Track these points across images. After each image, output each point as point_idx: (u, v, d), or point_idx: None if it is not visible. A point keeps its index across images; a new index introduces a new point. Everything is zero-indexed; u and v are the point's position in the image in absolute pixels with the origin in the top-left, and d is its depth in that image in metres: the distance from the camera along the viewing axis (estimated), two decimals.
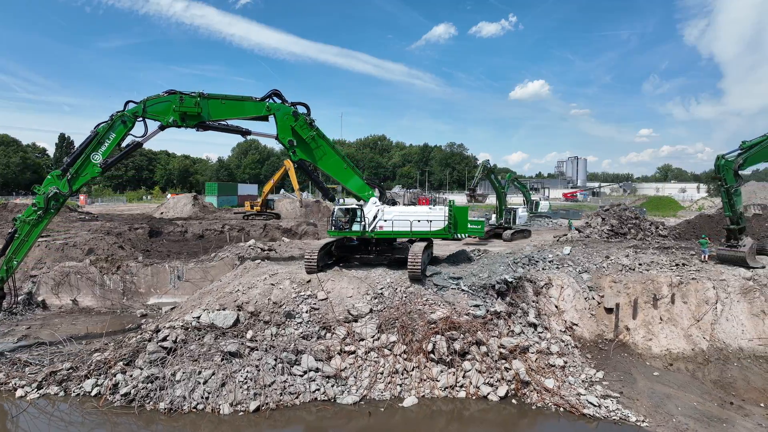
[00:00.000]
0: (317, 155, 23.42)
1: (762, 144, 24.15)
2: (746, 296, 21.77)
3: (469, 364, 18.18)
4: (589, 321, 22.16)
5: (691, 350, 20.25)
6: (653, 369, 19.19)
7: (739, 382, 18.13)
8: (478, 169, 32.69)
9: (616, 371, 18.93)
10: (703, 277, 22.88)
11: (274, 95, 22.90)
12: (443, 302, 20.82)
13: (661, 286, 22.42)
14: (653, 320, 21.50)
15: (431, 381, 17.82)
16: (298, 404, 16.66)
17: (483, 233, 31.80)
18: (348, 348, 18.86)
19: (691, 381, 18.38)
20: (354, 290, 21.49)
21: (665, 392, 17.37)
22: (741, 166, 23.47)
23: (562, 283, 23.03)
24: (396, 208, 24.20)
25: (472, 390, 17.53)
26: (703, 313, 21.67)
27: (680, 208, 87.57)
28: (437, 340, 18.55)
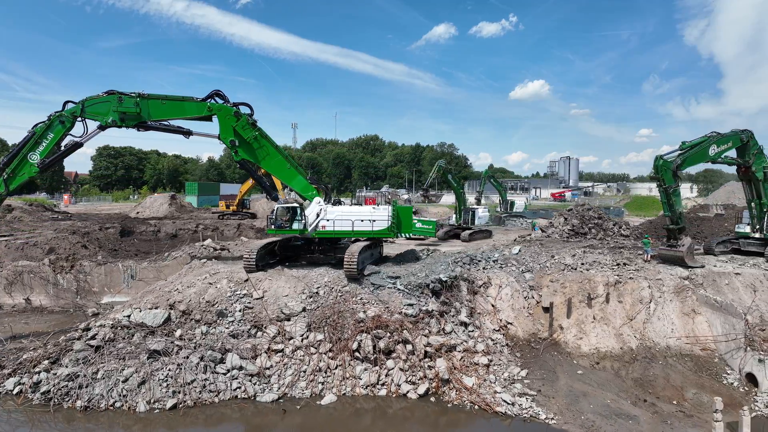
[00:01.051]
0: (260, 155, 23.58)
1: (702, 145, 24.41)
2: (679, 295, 21.99)
3: (392, 362, 18.36)
4: (526, 320, 22.35)
5: (620, 349, 20.46)
6: (579, 367, 19.38)
7: (659, 380, 18.34)
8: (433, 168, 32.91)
9: (541, 370, 19.12)
10: (640, 276, 23.10)
11: (216, 96, 23.05)
12: (377, 301, 20.99)
13: (597, 285, 22.63)
14: (586, 319, 21.70)
15: (353, 379, 18.00)
16: (217, 402, 16.82)
17: (434, 233, 32.04)
18: (276, 346, 19.03)
19: (613, 379, 18.58)
20: (290, 289, 21.66)
21: (583, 390, 17.57)
22: (680, 167, 23.65)
23: (500, 283, 23.21)
24: (339, 207, 24.38)
25: (393, 388, 17.70)
26: (637, 312, 21.88)
27: None
28: (363, 339, 18.72)
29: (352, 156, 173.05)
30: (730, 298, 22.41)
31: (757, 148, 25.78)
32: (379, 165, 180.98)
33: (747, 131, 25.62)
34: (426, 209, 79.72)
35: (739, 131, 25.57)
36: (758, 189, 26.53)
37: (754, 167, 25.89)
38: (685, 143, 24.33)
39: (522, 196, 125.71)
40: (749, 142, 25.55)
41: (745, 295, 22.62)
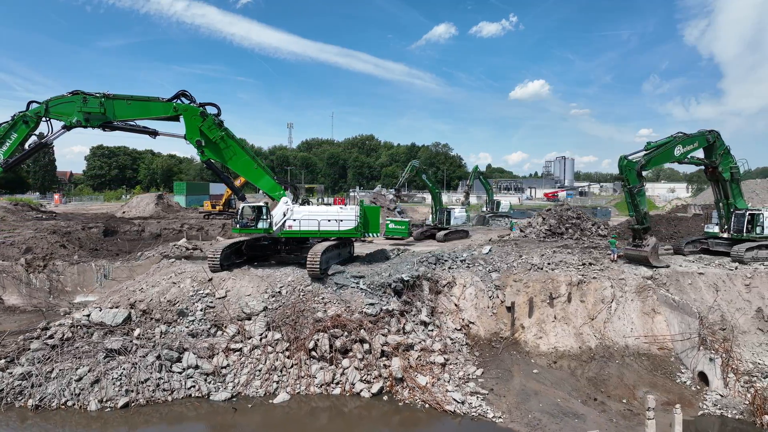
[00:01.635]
0: (226, 155, 23.68)
1: (667, 146, 24.52)
2: (640, 295, 22.12)
3: (348, 361, 18.47)
4: (489, 319, 22.45)
5: (578, 348, 20.59)
6: (535, 366, 19.50)
7: (613, 379, 18.46)
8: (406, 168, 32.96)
9: (498, 369, 19.24)
10: (604, 276, 23.23)
11: (182, 96, 23.14)
12: (339, 301, 21.11)
13: (559, 285, 22.76)
14: (547, 319, 21.82)
15: (309, 378, 18.10)
16: (170, 401, 16.91)
17: (407, 233, 32.15)
18: (235, 346, 19.12)
19: (567, 378, 18.70)
20: (253, 289, 21.76)
21: (535, 389, 17.69)
22: (644, 167, 23.76)
23: (465, 282, 23.32)
24: (305, 207, 24.48)
25: (348, 387, 17.82)
26: (598, 311, 22.01)
27: (654, 207, 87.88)
28: (320, 338, 18.83)
29: (347, 156, 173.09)
30: (693, 297, 22.57)
31: (724, 148, 25.88)
32: (374, 165, 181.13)
33: (713, 132, 25.73)
34: (414, 209, 79.91)
35: (705, 132, 25.69)
36: (725, 189, 26.66)
37: (721, 167, 26.00)
38: (650, 144, 24.45)
39: (514, 196, 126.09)
40: (715, 142, 25.64)
41: (707, 295, 22.75)
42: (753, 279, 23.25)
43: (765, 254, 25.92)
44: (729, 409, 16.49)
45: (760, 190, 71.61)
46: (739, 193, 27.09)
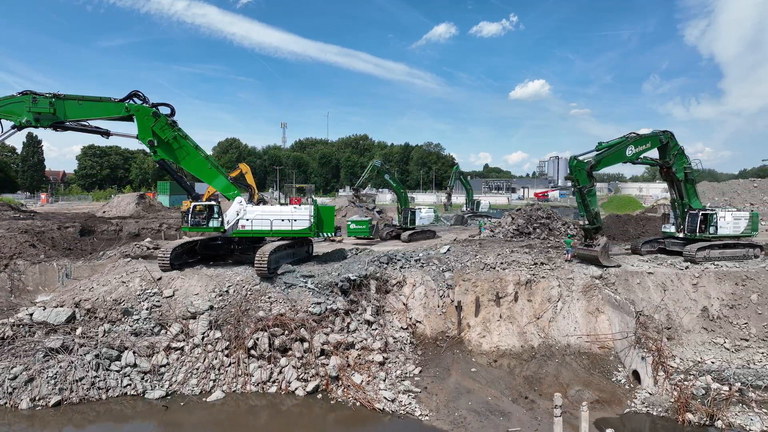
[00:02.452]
0: (180, 155, 23.80)
1: (618, 146, 24.67)
2: (586, 294, 22.28)
3: (285, 360, 18.62)
4: (438, 318, 22.59)
5: (520, 347, 20.75)
6: (475, 365, 19.65)
7: (549, 378, 18.62)
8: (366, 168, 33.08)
9: (437, 368, 19.39)
10: (553, 276, 23.40)
11: (135, 96, 23.27)
12: (286, 300, 21.24)
13: (507, 284, 22.93)
14: (493, 318, 21.98)
15: (246, 376, 18.25)
16: (104, 399, 17.04)
17: (368, 233, 32.31)
18: (177, 344, 19.24)
19: (504, 377, 18.86)
20: (201, 288, 21.90)
21: (470, 388, 17.84)
22: (594, 167, 23.90)
23: (415, 282, 23.47)
24: (259, 207, 24.62)
25: (284, 385, 17.97)
26: (544, 310, 22.19)
27: (640, 206, 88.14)
28: (260, 337, 18.96)
29: (340, 156, 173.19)
30: (640, 297, 22.75)
31: (678, 149, 26.03)
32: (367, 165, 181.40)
33: (667, 132, 25.89)
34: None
35: (659, 132, 25.85)
36: (680, 189, 26.81)
37: (675, 168, 26.16)
38: (601, 144, 24.59)
39: (504, 196, 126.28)
40: (669, 143, 25.80)
41: (655, 294, 22.93)
42: (701, 279, 23.44)
43: (717, 254, 26.12)
44: (655, 407, 16.66)
45: (741, 190, 71.79)
46: (694, 193, 27.28)
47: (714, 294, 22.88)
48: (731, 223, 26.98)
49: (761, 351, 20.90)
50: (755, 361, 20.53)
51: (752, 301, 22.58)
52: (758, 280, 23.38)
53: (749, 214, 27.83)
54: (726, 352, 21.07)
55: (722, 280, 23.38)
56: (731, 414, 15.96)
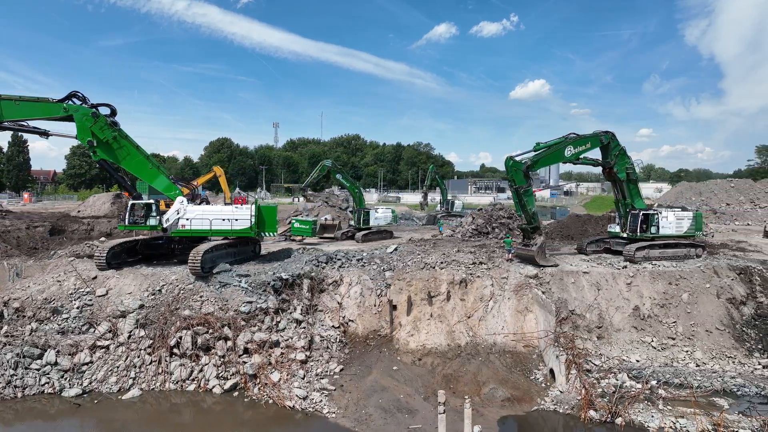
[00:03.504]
0: (120, 156, 23.93)
1: (557, 146, 24.87)
2: (517, 294, 22.47)
3: (207, 358, 18.78)
4: (372, 317, 22.76)
5: (447, 345, 20.93)
6: (399, 363, 19.83)
7: (468, 376, 18.79)
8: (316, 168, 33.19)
9: (361, 366, 19.57)
10: (487, 275, 23.59)
11: (74, 97, 23.41)
12: (218, 299, 21.39)
13: (441, 284, 23.11)
14: (424, 317, 22.16)
15: (166, 374, 18.41)
16: (20, 397, 17.18)
17: (311, 233, 32.50)
18: (103, 343, 19.38)
19: (424, 375, 19.03)
20: (135, 287, 22.04)
21: (385, 386, 18.01)
22: (531, 168, 24.10)
23: (351, 281, 23.64)
24: (199, 207, 24.75)
25: (203, 383, 18.13)
26: (476, 309, 22.38)
27: None
28: (183, 335, 19.12)
29: (331, 155, 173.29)
30: (573, 296, 22.98)
31: (619, 149, 26.24)
32: (359, 164, 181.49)
33: (608, 133, 26.08)
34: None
35: (599, 133, 26.04)
36: (623, 189, 27.03)
37: (617, 168, 26.37)
38: (539, 144, 24.78)
39: (490, 196, 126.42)
40: (610, 143, 26.00)
41: (589, 294, 23.16)
42: (635, 278, 23.68)
43: (657, 253, 26.35)
44: (562, 405, 16.86)
45: (719, 190, 72.01)
46: (637, 193, 27.47)
47: (647, 293, 23.11)
48: (674, 223, 27.20)
49: (685, 349, 21.16)
50: (679, 360, 20.79)
51: (683, 300, 22.83)
52: (691, 280, 23.64)
53: (693, 214, 28.05)
54: (652, 350, 21.32)
55: (656, 280, 23.62)
56: (634, 411, 16.15)
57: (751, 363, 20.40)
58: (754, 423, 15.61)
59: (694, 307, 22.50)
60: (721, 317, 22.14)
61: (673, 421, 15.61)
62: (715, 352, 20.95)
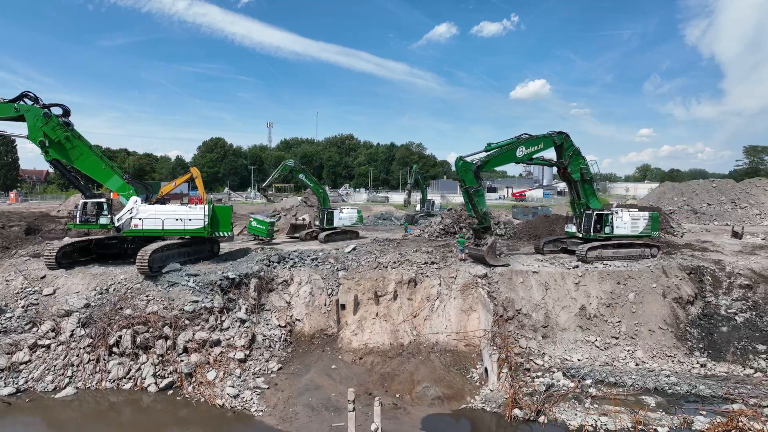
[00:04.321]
0: (73, 156, 24.06)
1: (508, 147, 25.00)
2: (464, 293, 22.63)
3: (145, 356, 18.90)
4: (320, 317, 22.93)
5: (389, 344, 21.08)
6: (339, 362, 19.98)
7: (405, 375, 18.93)
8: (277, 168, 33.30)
9: (300, 365, 19.71)
10: (436, 274, 23.75)
11: (25, 97, 23.53)
12: (164, 298, 21.50)
13: (389, 283, 23.26)
14: (369, 316, 22.31)
15: (103, 373, 18.52)
16: None
17: (266, 233, 32.62)
18: (44, 342, 19.49)
19: (362, 373, 19.17)
20: (83, 286, 22.16)
21: (320, 384, 18.16)
22: (481, 168, 24.24)
23: (301, 280, 23.80)
24: (152, 207, 24.89)
25: (139, 382, 18.24)
26: (422, 308, 22.52)
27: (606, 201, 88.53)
28: (123, 334, 19.24)
29: (323, 155, 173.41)
30: (521, 295, 23.13)
31: (573, 149, 26.37)
32: (352, 164, 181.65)
33: (562, 134, 26.20)
34: (370, 207, 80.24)
35: (553, 133, 26.17)
36: (577, 190, 27.18)
37: (570, 168, 26.51)
38: (491, 144, 24.92)
39: None
40: (563, 143, 26.15)
41: (536, 293, 23.31)
42: (583, 278, 23.84)
43: (611, 253, 26.53)
44: (490, 403, 17.01)
45: (700, 190, 72.10)
46: (592, 193, 27.62)
47: (594, 293, 23.27)
48: (629, 223, 27.38)
49: (627, 349, 21.32)
50: (620, 359, 20.95)
51: (629, 299, 22.99)
52: (638, 280, 23.81)
53: (649, 215, 28.22)
54: (595, 349, 21.48)
55: (604, 280, 23.78)
56: (559, 410, 16.31)
57: (689, 362, 20.59)
58: (675, 421, 15.80)
59: (639, 307, 22.67)
60: (665, 317, 22.31)
61: (595, 419, 15.77)
62: (656, 351, 21.12)
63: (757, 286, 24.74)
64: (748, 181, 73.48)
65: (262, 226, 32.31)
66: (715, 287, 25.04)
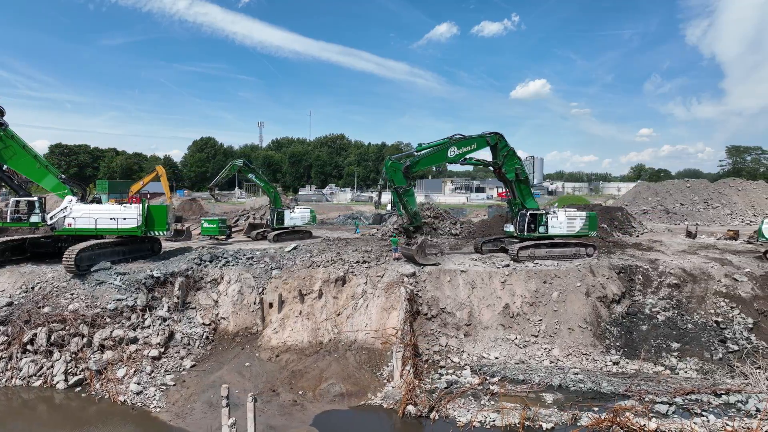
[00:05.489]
0: (5, 155, 24.26)
1: (439, 147, 25.26)
2: (387, 291, 22.87)
3: (58, 354, 19.12)
4: (247, 315, 23.14)
5: (308, 342, 21.31)
6: (254, 360, 20.20)
7: (315, 372, 19.14)
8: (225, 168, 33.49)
9: (215, 362, 19.95)
10: (364, 273, 23.99)
11: None
12: (89, 296, 21.71)
13: (315, 282, 23.50)
14: (293, 314, 22.55)
15: (15, 370, 18.74)
16: None
17: (217, 231, 32.89)
18: None
19: (274, 371, 19.40)
20: (10, 284, 22.34)
21: (228, 381, 18.28)
22: (411, 168, 24.49)
23: (230, 279, 24.02)
24: (86, 206, 25.13)
25: (49, 379, 18.47)
26: (345, 307, 22.76)
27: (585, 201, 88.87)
28: (38, 332, 19.46)
29: (312, 155, 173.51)
30: (447, 294, 23.41)
31: (507, 150, 26.62)
32: (342, 164, 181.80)
33: (496, 134, 26.43)
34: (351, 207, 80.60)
35: (487, 134, 26.40)
36: (513, 190, 27.45)
37: (505, 168, 26.77)
38: (422, 145, 25.18)
39: (463, 195, 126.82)
40: (497, 144, 26.39)
41: (463, 292, 23.58)
42: (510, 277, 24.11)
43: (544, 253, 26.81)
44: (388, 400, 17.25)
45: (674, 190, 72.47)
46: (528, 193, 27.89)
47: (519, 292, 23.55)
48: (564, 223, 27.67)
49: (544, 347, 21.60)
50: (536, 357, 21.24)
51: (552, 298, 23.27)
52: (564, 278, 24.09)
53: (586, 215, 28.50)
54: (514, 347, 21.76)
55: (531, 279, 24.05)
56: (453, 406, 16.56)
57: (603, 360, 20.87)
58: (564, 416, 16.06)
59: (561, 306, 22.95)
60: (585, 315, 22.59)
61: (485, 416, 16.03)
62: (572, 349, 21.40)
63: (684, 285, 25.05)
64: (722, 181, 73.89)
65: (212, 225, 32.73)
66: (645, 286, 25.32)
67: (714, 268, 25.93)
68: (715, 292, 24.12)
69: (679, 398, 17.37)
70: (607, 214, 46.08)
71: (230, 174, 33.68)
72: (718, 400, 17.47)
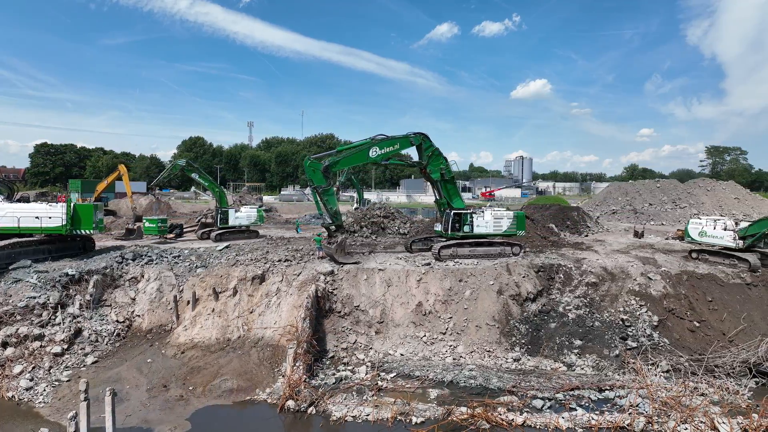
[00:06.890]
0: None
1: (360, 147, 25.55)
2: (300, 290, 23.18)
3: None
4: (164, 312, 23.44)
5: (216, 339, 21.62)
6: (158, 356, 20.50)
7: (212, 368, 19.45)
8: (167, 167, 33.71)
9: (118, 359, 20.26)
10: (280, 272, 24.32)
11: None
12: (2, 293, 22.00)
13: (231, 280, 23.82)
14: (205, 312, 22.86)
15: None
16: None
17: (157, 231, 33.19)
18: None
19: (173, 367, 19.69)
20: None
21: (123, 377, 18.68)
22: (330, 168, 24.80)
23: (150, 277, 24.33)
24: (10, 205, 25.40)
25: None
26: (259, 305, 23.08)
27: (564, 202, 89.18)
28: None
29: (301, 154, 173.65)
30: (362, 292, 23.76)
31: (432, 150, 26.91)
32: None
33: (419, 134, 26.71)
34: None
35: (410, 134, 26.68)
36: (439, 189, 27.76)
37: (430, 168, 27.07)
38: (341, 146, 25.49)
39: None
40: (422, 144, 26.70)
41: (378, 290, 23.93)
42: (426, 275, 24.44)
43: (467, 252, 27.14)
44: (273, 395, 17.59)
45: (644, 190, 72.94)
46: (455, 192, 28.21)
47: (433, 290, 23.88)
48: (491, 223, 27.98)
49: (450, 344, 21.95)
50: (441, 353, 21.59)
51: (465, 296, 23.62)
52: (479, 277, 24.43)
53: (513, 214, 28.81)
54: (421, 344, 22.10)
55: (446, 277, 24.38)
56: (333, 402, 16.89)
57: (504, 357, 21.21)
58: (438, 411, 16.39)
59: (472, 303, 23.29)
60: (494, 313, 22.90)
61: (360, 410, 16.36)
62: (477, 346, 21.74)
63: (602, 283, 25.41)
64: (692, 181, 74.39)
65: (152, 224, 33.11)
66: (565, 285, 25.65)
67: (633, 267, 26.29)
68: (629, 290, 24.48)
69: (562, 394, 17.73)
70: (562, 214, 46.49)
71: (172, 173, 33.97)
72: (600, 395, 17.84)
